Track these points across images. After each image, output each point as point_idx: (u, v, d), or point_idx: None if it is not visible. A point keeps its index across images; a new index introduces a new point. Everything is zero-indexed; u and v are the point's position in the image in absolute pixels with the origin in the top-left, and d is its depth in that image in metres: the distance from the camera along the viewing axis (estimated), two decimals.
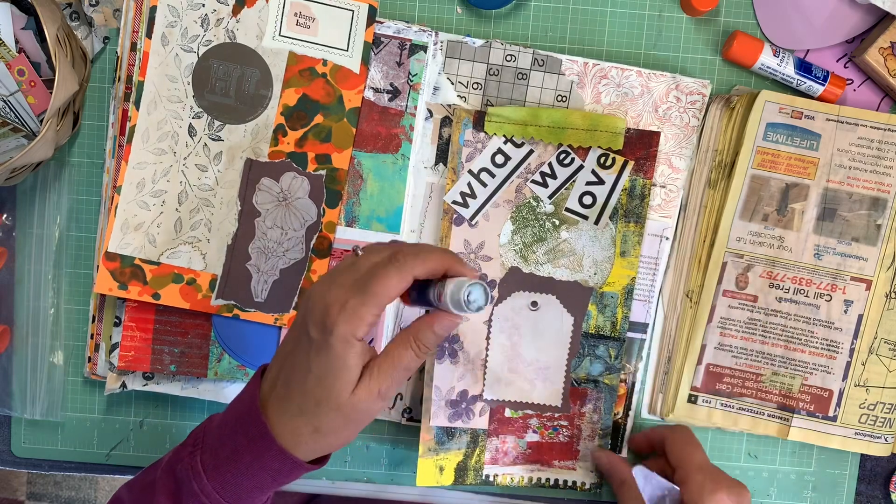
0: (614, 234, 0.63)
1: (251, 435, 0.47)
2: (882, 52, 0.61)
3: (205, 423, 0.51)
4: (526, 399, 0.64)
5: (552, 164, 0.63)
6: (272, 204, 0.62)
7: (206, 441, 0.49)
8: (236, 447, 0.47)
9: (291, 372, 0.47)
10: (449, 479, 0.63)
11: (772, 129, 0.62)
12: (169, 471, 0.49)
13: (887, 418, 0.64)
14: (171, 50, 0.61)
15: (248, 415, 0.48)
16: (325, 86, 0.62)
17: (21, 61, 0.61)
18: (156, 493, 0.49)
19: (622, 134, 0.62)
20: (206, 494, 0.47)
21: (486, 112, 0.62)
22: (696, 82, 0.63)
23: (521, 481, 0.65)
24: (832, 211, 0.62)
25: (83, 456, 0.68)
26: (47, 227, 0.66)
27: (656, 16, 0.65)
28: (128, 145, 0.61)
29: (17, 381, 0.66)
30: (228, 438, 0.48)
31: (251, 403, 0.48)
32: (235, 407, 0.49)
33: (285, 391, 0.47)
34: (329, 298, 0.45)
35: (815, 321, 0.63)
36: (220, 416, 0.50)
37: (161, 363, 0.63)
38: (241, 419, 0.48)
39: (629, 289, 0.64)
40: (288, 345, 0.48)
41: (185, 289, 0.62)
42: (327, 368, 0.45)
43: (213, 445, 0.48)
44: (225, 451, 0.47)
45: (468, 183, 0.63)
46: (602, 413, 0.64)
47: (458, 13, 0.65)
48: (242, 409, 0.48)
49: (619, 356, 0.64)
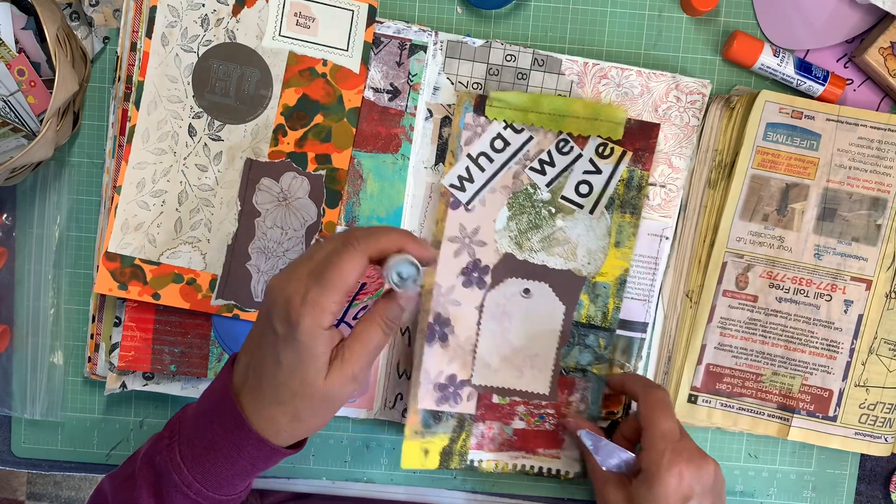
0: (609, 225, 0.63)
1: (228, 425, 0.47)
2: (882, 52, 0.61)
3: (179, 413, 0.51)
4: (514, 386, 0.64)
5: (551, 152, 0.63)
6: (272, 204, 0.62)
7: (182, 432, 0.49)
8: (213, 438, 0.48)
9: (261, 365, 0.47)
10: (434, 462, 0.64)
11: (772, 129, 0.62)
12: (148, 462, 0.50)
13: (887, 418, 0.64)
14: (171, 50, 0.61)
15: (222, 405, 0.48)
16: (325, 86, 0.62)
17: (21, 61, 0.61)
18: (136, 485, 0.49)
19: (622, 124, 0.62)
20: (187, 485, 0.48)
21: (487, 96, 0.62)
22: (696, 82, 0.63)
23: (505, 468, 0.65)
24: (832, 211, 0.62)
25: (83, 456, 0.68)
26: (47, 227, 0.66)
27: (656, 16, 0.65)
28: (128, 145, 0.61)
29: (17, 381, 0.66)
30: (205, 429, 0.48)
31: (224, 393, 0.48)
32: (209, 397, 0.49)
33: (257, 383, 0.47)
34: (289, 291, 0.46)
35: (815, 321, 0.63)
36: (193, 406, 0.51)
37: (161, 363, 0.63)
38: (217, 410, 0.48)
39: (622, 279, 0.64)
40: (255, 338, 0.48)
41: (185, 289, 0.62)
42: (297, 360, 0.46)
43: (190, 436, 0.48)
44: (202, 442, 0.48)
45: (466, 167, 0.63)
46: (589, 403, 0.64)
47: (458, 13, 0.65)
48: (216, 398, 0.49)
49: (609, 346, 0.64)
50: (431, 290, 0.63)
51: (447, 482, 0.68)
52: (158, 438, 0.50)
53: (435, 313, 0.63)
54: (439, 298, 0.63)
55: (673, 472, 0.54)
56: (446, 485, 0.68)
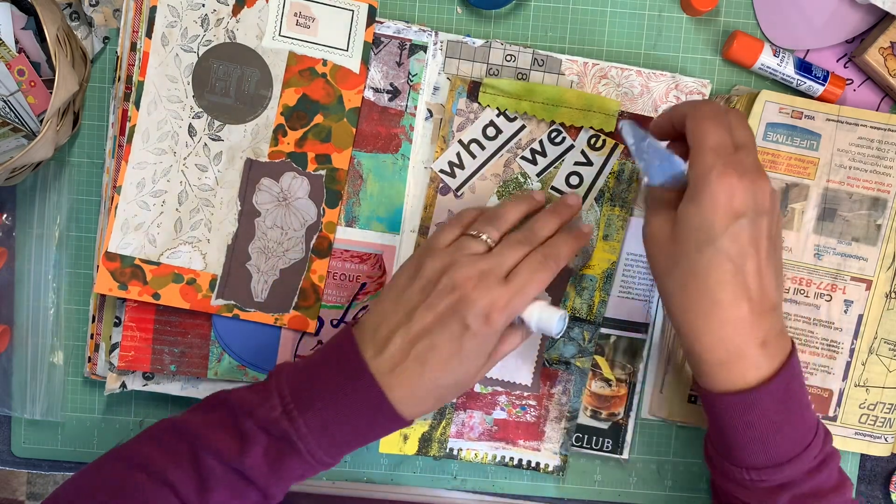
0: (598, 217, 0.63)
1: (365, 400, 0.51)
2: (882, 52, 0.61)
3: (280, 381, 0.52)
4: (496, 376, 0.64)
5: (543, 142, 0.63)
6: (272, 204, 0.62)
7: (301, 400, 0.51)
8: (349, 412, 0.51)
9: (431, 350, 0.51)
10: (412, 448, 0.64)
11: (772, 129, 0.62)
12: (262, 428, 0.51)
13: (887, 418, 0.64)
14: (171, 50, 0.61)
15: (357, 378, 0.51)
16: (325, 86, 0.62)
17: (21, 61, 0.61)
18: (247, 444, 0.51)
19: (615, 116, 0.62)
20: (311, 454, 0.51)
21: (481, 82, 0.62)
22: (695, 82, 0.63)
23: (485, 458, 0.65)
24: (832, 211, 0.62)
25: (83, 456, 0.68)
26: (47, 227, 0.66)
27: (656, 16, 0.65)
28: (128, 145, 0.61)
29: (17, 381, 0.66)
30: (337, 402, 0.51)
31: (360, 366, 0.51)
32: (334, 368, 0.52)
33: (418, 366, 0.51)
34: (493, 295, 0.51)
35: (815, 321, 0.63)
36: (303, 375, 0.52)
37: (161, 363, 0.63)
38: (351, 384, 0.51)
39: (609, 273, 0.63)
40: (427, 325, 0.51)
41: (185, 289, 0.62)
42: (478, 353, 0.52)
43: (319, 408, 0.51)
44: (333, 415, 0.51)
45: (457, 153, 0.63)
46: (571, 395, 0.64)
47: (458, 13, 0.65)
48: (348, 371, 0.52)
49: (593, 339, 0.64)
50: None
51: (447, 482, 0.68)
52: (262, 402, 0.51)
53: None
54: None
55: (722, 185, 0.47)
56: (446, 485, 0.68)
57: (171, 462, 0.51)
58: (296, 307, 0.63)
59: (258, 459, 0.50)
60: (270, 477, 0.51)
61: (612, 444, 0.65)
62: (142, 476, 0.50)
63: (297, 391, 0.51)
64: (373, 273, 0.64)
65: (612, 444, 0.65)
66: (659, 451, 0.67)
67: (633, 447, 0.67)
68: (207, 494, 0.50)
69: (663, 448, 0.67)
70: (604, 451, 0.65)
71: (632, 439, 0.66)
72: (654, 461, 0.67)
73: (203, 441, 0.51)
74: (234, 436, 0.51)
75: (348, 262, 0.64)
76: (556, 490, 0.67)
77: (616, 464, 0.67)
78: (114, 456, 0.53)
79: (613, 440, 0.65)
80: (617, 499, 0.68)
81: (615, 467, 0.67)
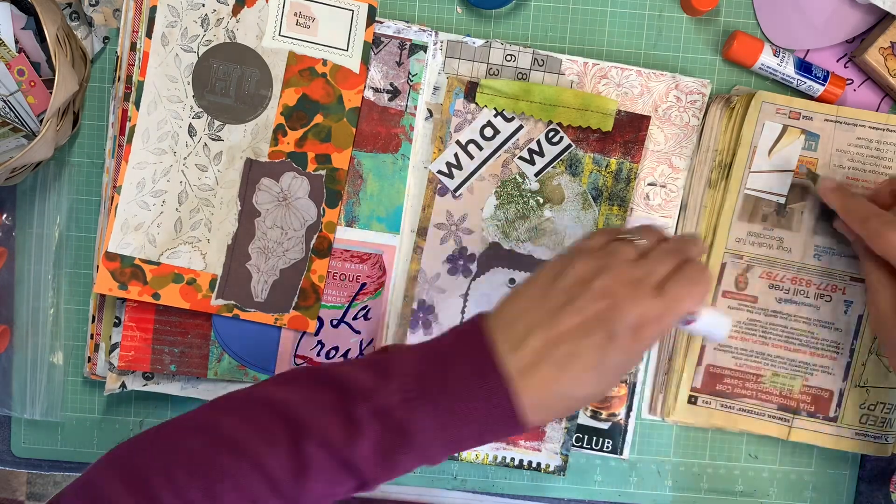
0: (597, 217, 0.63)
1: (496, 405, 0.46)
2: (882, 52, 0.61)
3: (402, 365, 0.48)
4: None
5: (540, 142, 0.63)
6: (272, 204, 0.62)
7: (427, 392, 0.47)
8: (475, 415, 0.46)
9: (571, 357, 0.46)
10: None
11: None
12: (379, 416, 0.46)
13: (887, 418, 0.64)
14: (171, 50, 0.61)
15: (488, 380, 0.46)
16: (324, 86, 0.62)
17: (21, 61, 0.61)
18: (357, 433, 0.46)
19: (612, 115, 0.62)
20: (427, 446, 0.47)
21: (478, 83, 0.62)
22: (695, 82, 0.63)
23: (486, 459, 0.65)
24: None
25: (83, 456, 0.68)
26: (47, 227, 0.66)
27: (656, 16, 0.65)
28: (128, 145, 0.61)
29: (17, 381, 0.66)
30: (465, 400, 0.46)
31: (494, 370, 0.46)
32: (465, 370, 0.47)
33: (557, 371, 0.46)
34: (644, 307, 0.46)
35: (815, 322, 0.63)
36: (427, 362, 0.48)
37: (161, 363, 0.63)
38: (483, 386, 0.46)
39: None
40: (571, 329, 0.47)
41: (185, 289, 0.62)
42: (616, 371, 0.47)
43: (447, 404, 0.46)
44: (462, 414, 0.46)
45: (455, 154, 0.63)
46: None
47: (458, 13, 0.65)
48: (481, 371, 0.47)
49: None
50: (416, 276, 0.63)
51: (447, 482, 0.68)
52: (379, 386, 0.47)
53: (419, 300, 0.63)
54: (424, 285, 0.63)
55: None
56: (446, 485, 0.68)
57: (265, 444, 0.46)
58: (296, 307, 0.63)
59: (369, 450, 0.46)
60: (379, 468, 0.47)
61: (612, 444, 0.65)
62: (229, 457, 0.46)
63: (422, 378, 0.47)
64: (373, 273, 0.64)
65: (612, 445, 0.65)
66: (659, 451, 0.67)
67: (633, 447, 0.67)
68: (306, 483, 0.46)
69: (663, 448, 0.67)
70: (604, 451, 0.65)
71: (632, 439, 0.66)
72: (654, 461, 0.67)
73: (308, 425, 0.47)
74: (344, 421, 0.46)
75: (348, 262, 0.64)
76: (557, 490, 0.67)
77: (616, 464, 0.67)
78: (193, 425, 0.49)
79: (613, 440, 0.65)
80: (617, 499, 0.68)
81: (615, 467, 0.67)
